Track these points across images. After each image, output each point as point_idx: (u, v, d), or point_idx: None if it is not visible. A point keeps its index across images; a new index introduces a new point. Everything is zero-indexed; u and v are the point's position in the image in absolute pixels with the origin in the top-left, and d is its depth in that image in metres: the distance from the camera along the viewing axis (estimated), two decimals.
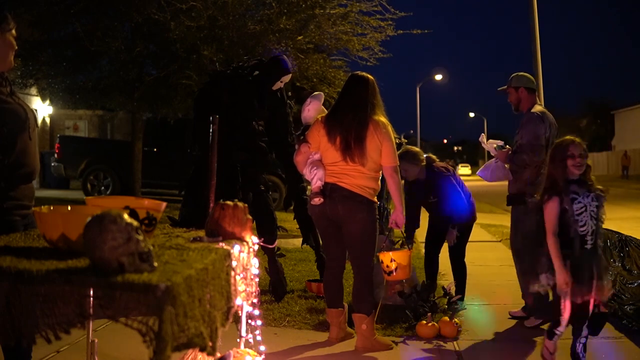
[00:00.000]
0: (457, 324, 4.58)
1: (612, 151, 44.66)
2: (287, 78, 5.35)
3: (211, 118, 3.74)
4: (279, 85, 5.34)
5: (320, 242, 5.90)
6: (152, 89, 11.91)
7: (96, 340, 2.61)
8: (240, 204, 2.75)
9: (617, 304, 4.99)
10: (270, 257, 5.42)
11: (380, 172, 4.26)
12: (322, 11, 11.12)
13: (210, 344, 1.99)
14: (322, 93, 4.81)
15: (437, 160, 5.59)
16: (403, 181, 5.03)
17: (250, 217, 2.78)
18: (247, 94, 5.26)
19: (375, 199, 4.26)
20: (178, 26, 10.27)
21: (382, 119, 4.19)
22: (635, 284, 4.86)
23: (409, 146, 5.76)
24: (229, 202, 2.72)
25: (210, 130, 3.71)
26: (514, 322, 4.95)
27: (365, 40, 12.00)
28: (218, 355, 2.25)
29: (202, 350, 1.94)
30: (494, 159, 5.04)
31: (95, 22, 11.00)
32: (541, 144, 4.76)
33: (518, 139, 4.89)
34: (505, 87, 5.12)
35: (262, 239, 3.51)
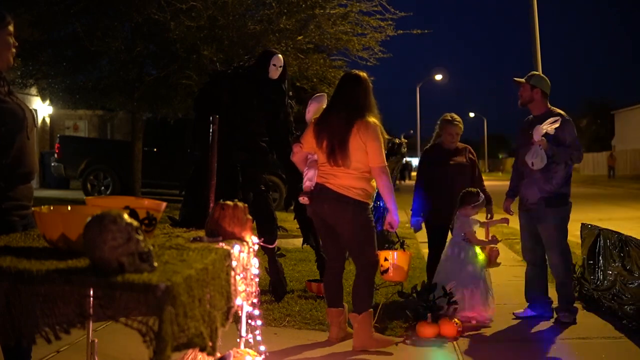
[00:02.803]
0: (457, 324, 4.58)
1: (613, 151, 44.61)
2: (277, 60, 5.30)
3: (211, 118, 3.74)
4: (275, 71, 5.29)
5: (320, 242, 5.91)
6: (152, 89, 11.91)
7: (96, 340, 2.61)
8: (240, 204, 2.75)
9: (617, 304, 4.99)
10: (270, 257, 5.41)
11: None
12: (322, 11, 11.12)
13: (210, 344, 1.99)
14: (324, 94, 4.79)
15: None
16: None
17: (250, 217, 2.78)
18: (247, 94, 5.25)
19: (366, 199, 4.18)
20: (178, 26, 10.27)
21: (371, 119, 4.14)
22: (635, 284, 4.86)
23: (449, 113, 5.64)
24: (229, 202, 2.73)
25: (210, 130, 3.71)
26: (514, 322, 4.95)
27: (365, 40, 12.00)
28: (218, 355, 2.25)
29: (202, 350, 1.94)
30: (537, 145, 4.72)
31: (95, 22, 11.01)
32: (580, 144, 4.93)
33: (535, 130, 4.71)
34: (523, 80, 5.03)
35: (262, 239, 3.51)
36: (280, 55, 5.36)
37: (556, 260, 4.92)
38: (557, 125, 4.72)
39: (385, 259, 4.44)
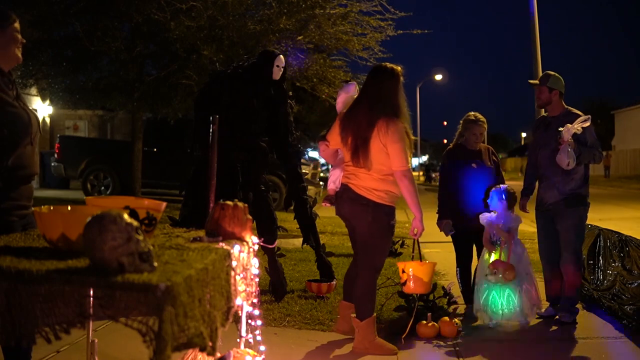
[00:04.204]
0: (457, 324, 4.58)
1: (612, 151, 44.66)
2: (280, 61, 5.29)
3: (211, 118, 3.74)
4: (278, 72, 5.29)
5: (321, 242, 5.90)
6: (152, 89, 11.91)
7: (96, 340, 2.61)
8: (240, 204, 2.75)
9: (617, 304, 4.99)
10: (270, 257, 5.42)
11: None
12: (322, 11, 11.12)
13: (210, 344, 1.99)
14: (354, 82, 4.60)
15: None
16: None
17: (250, 217, 2.78)
18: (247, 94, 5.25)
19: (389, 202, 4.03)
20: (178, 26, 10.27)
21: (394, 119, 3.93)
22: (635, 284, 4.86)
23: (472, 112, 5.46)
24: (229, 202, 2.72)
25: (211, 130, 3.71)
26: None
27: (365, 40, 12.00)
28: (218, 355, 2.25)
29: (202, 350, 1.93)
30: (567, 145, 4.68)
31: (95, 22, 11.00)
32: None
33: (565, 129, 4.69)
34: (538, 82, 5.01)
35: (262, 239, 3.50)
36: (282, 56, 5.35)
37: (568, 261, 4.91)
38: (588, 124, 4.71)
39: (403, 271, 4.26)
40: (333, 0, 11.36)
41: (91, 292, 1.78)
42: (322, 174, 19.59)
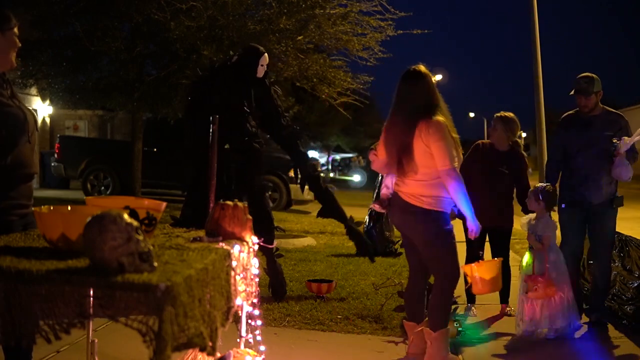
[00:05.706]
0: (457, 323, 4.57)
1: None
2: (264, 60, 5.30)
3: (211, 118, 3.73)
4: (262, 70, 5.29)
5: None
6: (152, 89, 11.90)
7: (96, 340, 2.61)
8: (240, 204, 2.76)
9: (617, 304, 4.99)
10: (268, 257, 5.41)
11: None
12: (322, 11, 11.10)
13: (210, 344, 1.99)
14: None
15: None
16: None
17: (250, 217, 2.79)
18: (238, 95, 5.24)
19: (439, 207, 3.80)
20: (178, 26, 10.26)
21: (435, 118, 3.77)
22: (635, 284, 4.87)
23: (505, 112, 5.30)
24: (229, 202, 2.73)
25: (210, 130, 3.71)
26: (513, 322, 4.94)
27: (365, 40, 11.98)
28: (218, 355, 2.26)
29: (202, 350, 1.94)
30: (623, 158, 4.71)
31: (95, 22, 10.99)
32: None
33: (621, 142, 4.71)
34: (587, 92, 4.88)
35: (262, 239, 3.49)
36: (266, 54, 5.34)
37: (606, 261, 4.91)
38: None
39: (466, 274, 4.12)
40: (333, 0, 11.35)
41: (91, 292, 1.78)
42: (321, 174, 19.53)
